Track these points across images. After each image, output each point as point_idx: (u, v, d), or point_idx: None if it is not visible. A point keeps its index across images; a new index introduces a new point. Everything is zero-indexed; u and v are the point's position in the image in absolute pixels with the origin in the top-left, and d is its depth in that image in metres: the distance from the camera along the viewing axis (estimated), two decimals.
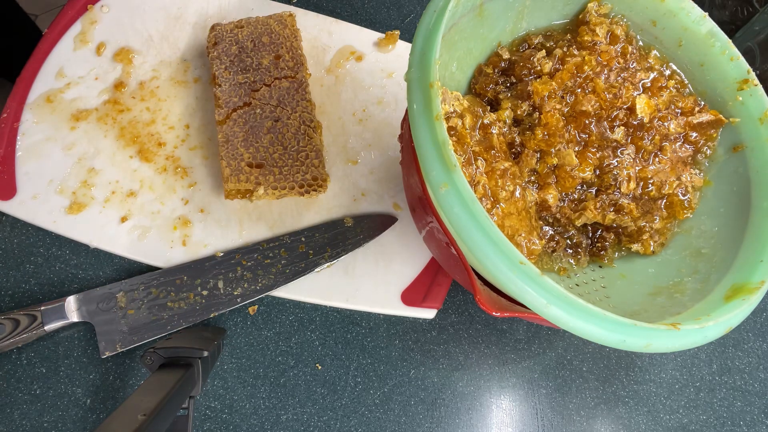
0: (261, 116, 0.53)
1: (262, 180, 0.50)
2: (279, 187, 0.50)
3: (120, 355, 0.48)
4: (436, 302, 0.52)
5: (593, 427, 0.52)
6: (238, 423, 0.47)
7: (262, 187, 0.49)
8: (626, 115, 0.45)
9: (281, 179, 0.50)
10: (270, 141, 0.51)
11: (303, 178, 0.51)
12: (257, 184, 0.50)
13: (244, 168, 0.50)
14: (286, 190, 0.50)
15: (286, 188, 0.50)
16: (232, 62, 0.54)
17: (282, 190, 0.50)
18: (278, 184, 0.50)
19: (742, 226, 0.43)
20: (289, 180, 0.50)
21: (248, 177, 0.50)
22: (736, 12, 0.67)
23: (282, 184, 0.50)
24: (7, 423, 0.45)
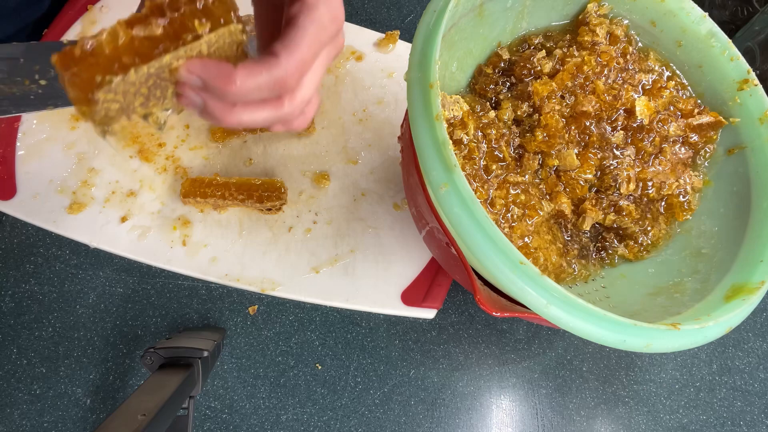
0: None
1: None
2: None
3: (120, 354, 0.48)
4: (436, 302, 0.52)
5: (593, 427, 0.52)
6: (238, 423, 0.47)
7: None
8: (626, 117, 0.45)
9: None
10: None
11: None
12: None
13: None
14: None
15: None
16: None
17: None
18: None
19: (742, 226, 0.43)
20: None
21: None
22: (736, 12, 0.67)
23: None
24: (7, 423, 0.45)
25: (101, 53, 0.25)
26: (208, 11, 0.26)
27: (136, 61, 0.25)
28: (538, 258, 0.43)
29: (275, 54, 0.27)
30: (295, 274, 0.51)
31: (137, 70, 0.25)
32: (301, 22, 0.27)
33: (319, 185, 0.55)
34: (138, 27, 0.26)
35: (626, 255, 0.47)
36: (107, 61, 0.25)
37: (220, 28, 0.27)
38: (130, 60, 0.25)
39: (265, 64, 0.26)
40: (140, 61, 0.25)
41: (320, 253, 0.53)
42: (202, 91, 0.27)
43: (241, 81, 0.26)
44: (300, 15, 0.27)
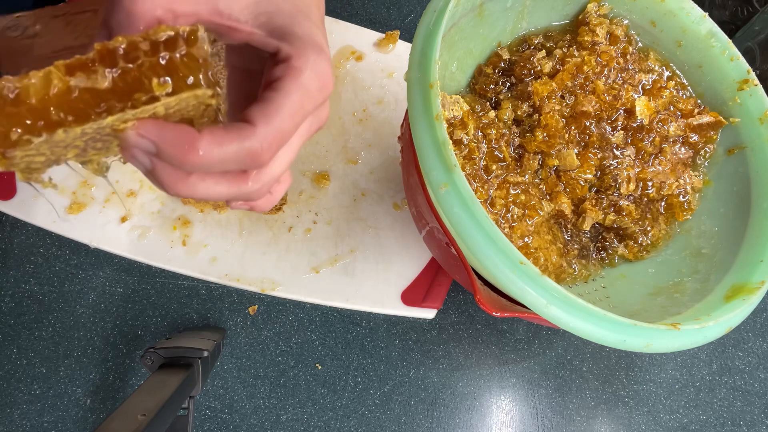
0: None
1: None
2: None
3: (120, 354, 0.48)
4: (436, 302, 0.52)
5: (593, 427, 0.52)
6: (238, 423, 0.47)
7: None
8: (626, 117, 0.45)
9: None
10: None
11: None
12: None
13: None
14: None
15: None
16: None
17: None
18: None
19: (742, 226, 0.43)
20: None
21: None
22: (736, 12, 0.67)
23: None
24: (7, 423, 0.45)
25: (25, 103, 0.20)
26: (172, 67, 0.21)
27: (68, 119, 0.20)
28: (538, 258, 0.43)
29: (251, 121, 0.23)
30: (295, 274, 0.51)
31: (67, 131, 0.20)
32: (286, 87, 0.23)
33: (319, 185, 0.55)
34: (79, 75, 0.20)
35: (626, 255, 0.47)
36: (31, 114, 0.20)
37: (185, 91, 0.21)
38: (60, 116, 0.20)
39: (236, 132, 0.22)
40: (74, 119, 0.20)
41: (320, 253, 0.53)
42: (153, 156, 0.22)
43: (205, 151, 0.21)
44: (284, 78, 0.23)
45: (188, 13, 0.23)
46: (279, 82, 0.23)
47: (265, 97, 0.23)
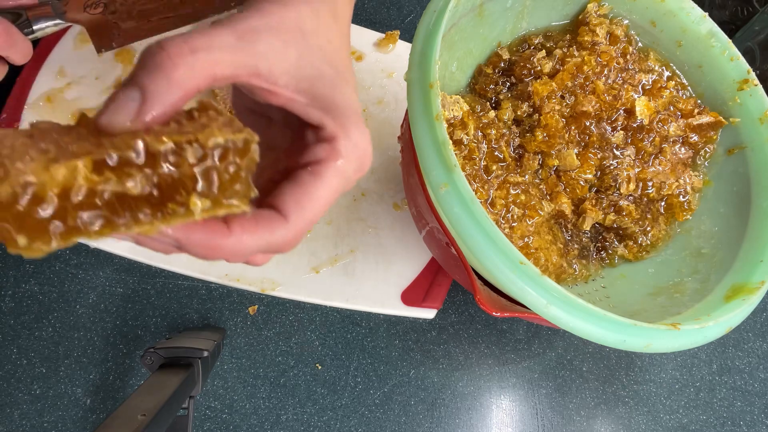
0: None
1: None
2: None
3: (120, 354, 0.48)
4: (436, 302, 0.52)
5: (593, 427, 0.52)
6: (238, 423, 0.47)
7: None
8: (626, 117, 0.45)
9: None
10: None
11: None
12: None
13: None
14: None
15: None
16: None
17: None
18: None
19: (742, 226, 0.43)
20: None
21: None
22: (736, 12, 0.67)
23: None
24: (7, 423, 0.45)
25: (40, 200, 0.17)
26: (215, 180, 0.19)
27: (89, 227, 0.18)
28: (538, 258, 0.43)
29: (283, 212, 0.22)
30: (295, 274, 0.51)
31: (87, 233, 0.18)
32: (326, 174, 0.22)
33: None
34: (109, 175, 0.18)
35: (626, 255, 0.47)
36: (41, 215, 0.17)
37: (223, 208, 0.20)
38: (80, 223, 0.18)
39: (267, 226, 0.21)
40: (99, 228, 0.18)
41: (320, 253, 0.53)
42: (173, 246, 0.21)
43: (234, 246, 0.21)
44: (326, 163, 0.22)
45: (227, 77, 0.21)
46: (320, 166, 0.22)
47: (302, 181, 0.22)
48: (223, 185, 0.19)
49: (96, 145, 0.18)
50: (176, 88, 0.20)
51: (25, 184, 0.16)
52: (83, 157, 0.17)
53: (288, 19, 0.23)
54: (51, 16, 0.40)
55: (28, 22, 0.39)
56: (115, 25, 0.44)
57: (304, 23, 0.23)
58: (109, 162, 0.18)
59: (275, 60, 0.22)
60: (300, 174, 0.22)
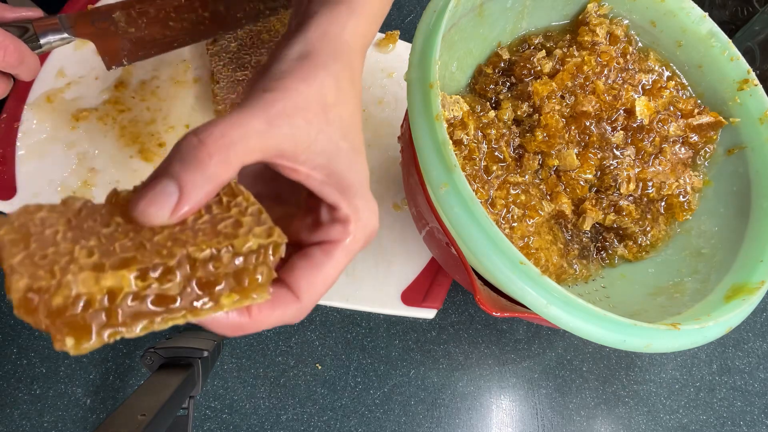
0: None
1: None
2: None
3: (120, 354, 0.48)
4: (436, 302, 0.52)
5: (593, 427, 0.52)
6: (238, 423, 0.47)
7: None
8: (626, 117, 0.45)
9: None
10: None
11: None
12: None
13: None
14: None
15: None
16: (230, 59, 0.54)
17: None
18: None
19: (742, 226, 0.43)
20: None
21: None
22: (736, 12, 0.67)
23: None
24: (7, 423, 0.45)
25: (89, 307, 0.19)
26: (244, 276, 0.21)
27: (129, 325, 0.20)
28: (539, 258, 0.43)
29: (297, 294, 0.23)
30: None
31: (130, 332, 0.20)
32: (337, 254, 0.24)
33: None
34: (151, 280, 0.19)
35: (626, 255, 0.47)
36: (92, 319, 0.19)
37: (248, 300, 0.21)
38: (122, 321, 0.19)
39: (282, 307, 0.23)
40: (132, 322, 0.20)
41: None
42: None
43: (251, 328, 0.23)
44: (338, 245, 0.24)
45: (255, 161, 0.22)
46: (332, 246, 0.24)
47: (315, 261, 0.24)
48: (251, 282, 0.21)
49: (137, 245, 0.20)
50: (212, 183, 0.21)
51: (77, 295, 0.18)
52: (131, 266, 0.19)
53: (311, 96, 0.24)
54: (59, 29, 0.40)
55: (36, 37, 0.38)
56: (124, 41, 0.44)
57: (326, 96, 0.24)
58: (152, 272, 0.19)
59: (299, 140, 0.23)
60: (313, 252, 0.24)
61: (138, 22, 0.44)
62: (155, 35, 0.44)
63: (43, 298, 0.18)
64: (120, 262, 0.19)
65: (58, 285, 0.18)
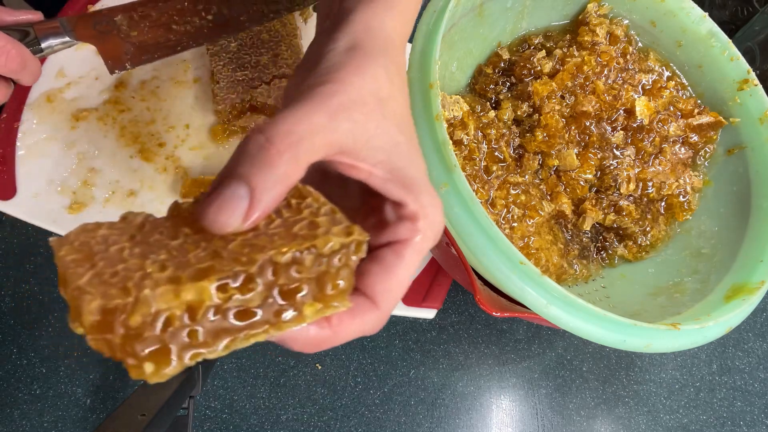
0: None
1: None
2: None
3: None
4: (436, 302, 0.52)
5: (593, 427, 0.52)
6: (238, 423, 0.47)
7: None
8: (626, 117, 0.45)
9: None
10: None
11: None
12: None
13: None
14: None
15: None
16: (230, 59, 0.55)
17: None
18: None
19: (742, 226, 0.43)
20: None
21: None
22: (736, 12, 0.67)
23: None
24: (7, 423, 0.45)
25: (169, 325, 0.17)
26: (327, 280, 0.20)
27: (209, 342, 0.18)
28: (539, 259, 0.43)
29: (375, 301, 0.22)
30: None
31: (212, 352, 0.18)
32: (407, 254, 0.22)
33: None
34: (233, 291, 0.18)
35: (626, 255, 0.47)
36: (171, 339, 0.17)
37: (329, 309, 0.20)
38: (203, 340, 0.18)
39: (362, 316, 0.22)
40: (213, 340, 0.18)
41: None
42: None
43: (332, 341, 0.22)
44: (408, 244, 0.22)
45: (319, 159, 0.21)
46: (402, 246, 0.22)
47: (387, 263, 0.22)
48: (333, 287, 0.20)
49: (211, 255, 0.18)
50: (283, 183, 0.19)
51: (157, 312, 0.16)
52: (210, 276, 0.17)
53: (366, 89, 0.23)
54: (60, 33, 0.39)
55: (37, 40, 0.38)
56: (127, 45, 0.44)
57: (381, 90, 0.23)
58: (232, 282, 0.17)
59: (359, 136, 0.22)
60: (384, 255, 0.23)
61: (140, 26, 0.44)
62: (158, 39, 0.44)
63: (119, 319, 0.16)
64: (198, 273, 0.17)
65: (135, 302, 0.16)
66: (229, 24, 0.46)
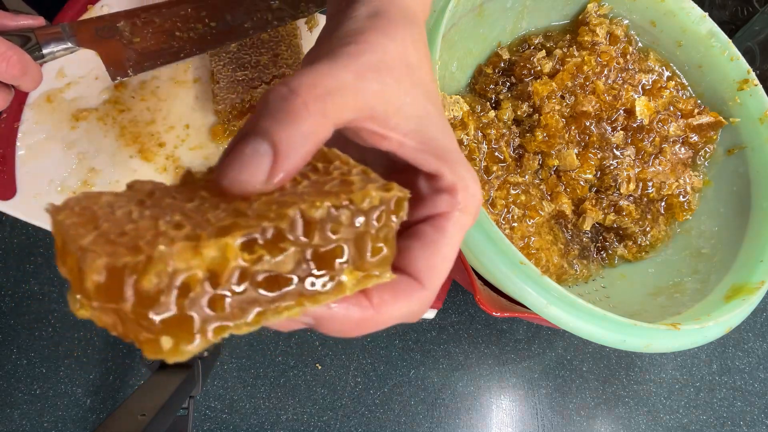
0: None
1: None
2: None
3: (120, 354, 0.48)
4: (436, 302, 0.52)
5: (593, 427, 0.52)
6: (238, 423, 0.47)
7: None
8: (626, 117, 0.45)
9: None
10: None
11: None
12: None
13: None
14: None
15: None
16: (230, 59, 0.55)
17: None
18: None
19: (742, 226, 0.43)
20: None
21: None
22: (736, 12, 0.67)
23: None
24: (7, 423, 0.45)
25: (188, 291, 0.14)
26: (366, 245, 0.17)
27: (241, 318, 0.15)
28: (540, 259, 0.43)
29: (418, 278, 0.20)
30: None
31: (239, 326, 0.15)
32: (449, 229, 0.20)
33: None
34: (260, 252, 0.15)
35: (626, 255, 0.47)
36: (186, 307, 0.14)
37: (372, 279, 0.17)
38: (230, 313, 0.15)
39: (407, 296, 0.19)
40: (253, 318, 0.15)
41: None
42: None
43: (376, 324, 0.19)
44: (450, 218, 0.20)
45: (348, 122, 0.19)
46: (443, 220, 0.20)
47: (428, 239, 0.20)
48: (374, 253, 0.17)
49: (234, 213, 0.16)
50: (310, 141, 0.18)
51: (174, 273, 0.14)
52: (234, 233, 0.14)
53: (396, 53, 0.21)
54: (61, 38, 0.39)
55: (38, 46, 0.37)
56: (129, 51, 0.43)
57: (409, 56, 0.22)
58: (260, 239, 0.15)
59: (388, 100, 0.20)
60: (424, 230, 0.20)
61: (143, 32, 0.44)
62: (161, 46, 0.44)
63: (130, 281, 0.13)
64: (220, 230, 0.14)
65: (148, 260, 0.13)
66: (233, 31, 0.46)
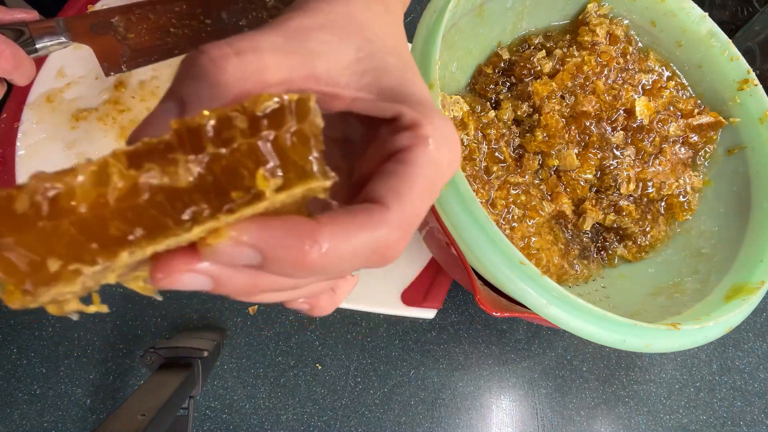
0: None
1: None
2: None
3: (120, 354, 0.48)
4: (436, 302, 0.52)
5: (593, 427, 0.52)
6: (238, 423, 0.47)
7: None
8: (626, 117, 0.45)
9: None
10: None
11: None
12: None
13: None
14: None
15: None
16: None
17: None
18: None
19: (742, 226, 0.43)
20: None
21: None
22: (736, 12, 0.67)
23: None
24: (7, 423, 0.45)
25: (69, 213, 0.13)
26: (280, 152, 0.15)
27: (136, 235, 0.14)
28: (540, 259, 0.43)
29: (381, 201, 0.17)
30: None
31: (134, 253, 0.14)
32: (416, 159, 0.18)
33: None
34: (150, 167, 0.14)
35: (626, 255, 0.47)
36: (80, 229, 0.13)
37: (296, 185, 0.15)
38: (124, 231, 0.14)
39: (365, 217, 0.17)
40: (144, 235, 0.14)
41: None
42: (252, 267, 0.16)
43: (329, 248, 0.15)
44: (414, 149, 0.18)
45: (280, 82, 0.18)
46: (407, 153, 0.18)
47: (392, 171, 0.18)
48: (287, 153, 0.15)
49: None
50: (223, 94, 0.17)
51: (48, 189, 0.13)
52: (118, 153, 0.14)
53: (339, 13, 0.20)
54: (55, 32, 0.39)
55: (32, 40, 0.37)
56: (124, 47, 0.43)
57: (357, 14, 0.21)
58: (147, 155, 0.14)
59: (332, 58, 0.19)
60: (386, 167, 0.18)
61: (137, 28, 0.44)
62: (155, 42, 0.44)
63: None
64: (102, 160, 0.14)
65: (22, 188, 0.13)
66: (228, 28, 0.46)
